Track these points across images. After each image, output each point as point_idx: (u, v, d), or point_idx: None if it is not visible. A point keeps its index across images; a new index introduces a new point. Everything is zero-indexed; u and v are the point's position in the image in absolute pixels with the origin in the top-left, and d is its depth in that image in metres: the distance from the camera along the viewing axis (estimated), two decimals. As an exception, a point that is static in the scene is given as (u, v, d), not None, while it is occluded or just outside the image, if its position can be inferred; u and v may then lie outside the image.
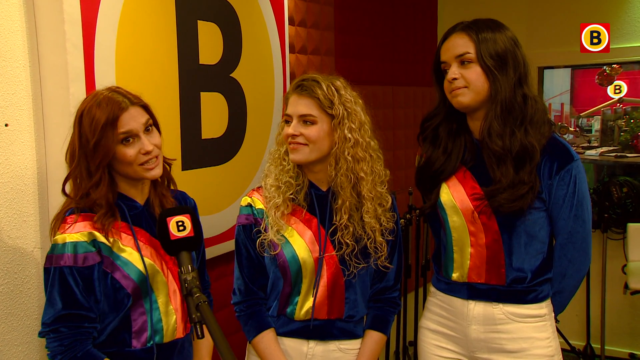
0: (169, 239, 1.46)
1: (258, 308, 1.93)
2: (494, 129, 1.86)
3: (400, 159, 3.87)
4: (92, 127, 1.60)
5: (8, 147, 1.80)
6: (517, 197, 1.84)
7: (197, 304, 1.34)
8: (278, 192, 1.88)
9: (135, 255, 1.67)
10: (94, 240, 1.62)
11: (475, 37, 1.87)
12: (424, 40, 4.31)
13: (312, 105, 1.84)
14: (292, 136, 1.84)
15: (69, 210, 1.64)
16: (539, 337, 1.92)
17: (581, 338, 4.24)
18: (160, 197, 1.77)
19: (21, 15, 1.82)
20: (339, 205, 1.87)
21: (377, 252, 1.90)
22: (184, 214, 1.48)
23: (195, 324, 1.33)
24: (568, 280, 1.96)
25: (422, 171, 2.05)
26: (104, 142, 1.60)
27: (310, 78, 1.87)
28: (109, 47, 1.97)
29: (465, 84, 1.87)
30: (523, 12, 4.39)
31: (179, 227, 1.46)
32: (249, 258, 1.92)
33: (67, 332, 1.59)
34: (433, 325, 2.06)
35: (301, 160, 1.86)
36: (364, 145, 1.87)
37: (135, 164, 1.65)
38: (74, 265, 1.59)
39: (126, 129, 1.62)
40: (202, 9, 2.38)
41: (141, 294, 1.67)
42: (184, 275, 1.40)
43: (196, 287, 1.38)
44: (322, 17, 3.26)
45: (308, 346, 1.91)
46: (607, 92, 4.23)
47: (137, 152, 1.64)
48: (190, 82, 2.32)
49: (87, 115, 1.61)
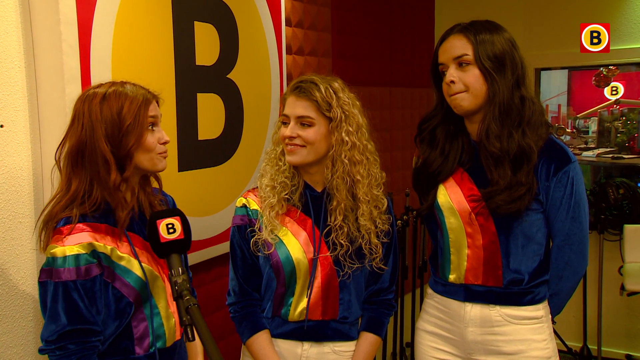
0: (159, 241, 1.44)
1: (252, 309, 1.93)
2: (492, 130, 1.86)
3: (398, 160, 3.87)
4: (125, 109, 1.56)
5: (3, 148, 1.79)
6: (514, 198, 1.83)
7: (187, 307, 1.33)
8: (273, 192, 1.88)
9: (134, 262, 1.63)
10: (93, 251, 1.57)
11: (473, 38, 1.86)
12: (421, 41, 4.31)
13: (309, 108, 1.83)
14: (289, 138, 1.84)
15: (62, 220, 1.57)
16: (536, 339, 1.92)
17: (578, 339, 4.25)
18: (148, 197, 1.74)
19: (17, 15, 1.81)
20: (334, 207, 1.87)
21: (372, 253, 1.90)
22: (174, 216, 1.47)
23: (186, 327, 1.32)
24: (565, 282, 1.96)
25: (419, 172, 2.05)
26: (139, 122, 1.57)
27: (309, 80, 1.86)
28: (105, 48, 1.97)
29: (464, 87, 1.86)
30: (520, 13, 4.40)
31: (169, 229, 1.45)
32: (243, 259, 1.91)
33: (74, 349, 1.54)
34: (430, 327, 2.06)
35: (298, 162, 1.86)
36: (361, 148, 1.86)
37: (154, 152, 1.63)
38: (78, 279, 1.53)
39: (154, 114, 1.62)
40: (198, 9, 2.37)
41: (142, 300, 1.65)
42: (175, 277, 1.40)
43: (186, 289, 1.37)
44: (319, 18, 3.26)
45: (302, 348, 1.91)
46: (604, 93, 4.24)
47: (156, 140, 1.64)
48: (186, 83, 2.32)
49: (114, 100, 1.57)
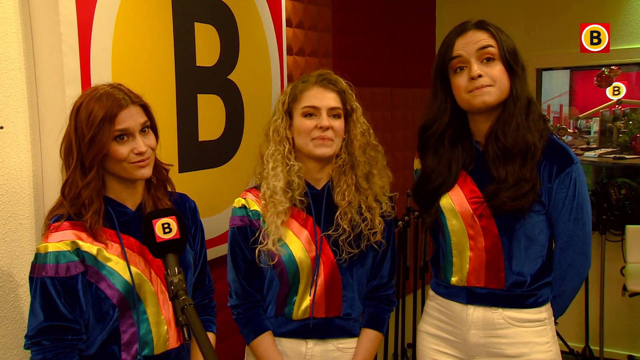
0: (154, 241, 1.45)
1: (255, 311, 1.92)
2: (515, 125, 1.83)
3: (399, 160, 3.87)
4: (89, 121, 1.57)
5: (3, 150, 1.79)
6: (519, 195, 1.82)
7: (183, 307, 1.33)
8: (286, 197, 1.87)
9: (122, 264, 1.63)
10: (77, 249, 1.58)
11: (495, 33, 1.84)
12: (422, 42, 4.31)
13: (338, 99, 1.89)
14: (324, 128, 1.84)
15: (54, 217, 1.61)
16: (538, 342, 1.91)
17: (580, 340, 4.24)
18: (155, 200, 1.73)
19: (17, 17, 1.81)
20: (342, 189, 1.90)
21: (371, 229, 1.91)
22: (169, 215, 1.47)
23: (182, 327, 1.33)
24: (568, 283, 1.95)
25: (422, 187, 2.00)
26: (99, 137, 1.56)
27: (330, 73, 1.93)
28: (105, 49, 1.96)
29: (491, 82, 1.82)
30: (521, 13, 4.39)
31: (164, 229, 1.45)
32: (244, 260, 1.91)
33: (49, 345, 1.56)
34: (432, 330, 2.05)
35: (329, 154, 1.88)
36: (370, 134, 1.96)
37: (126, 162, 1.62)
38: (56, 276, 1.55)
39: (122, 127, 1.59)
40: (198, 10, 2.37)
41: (128, 304, 1.63)
42: (171, 277, 1.39)
43: (182, 289, 1.37)
44: (319, 19, 3.25)
45: (307, 346, 1.91)
46: (606, 93, 4.23)
47: (129, 150, 1.61)
48: (187, 84, 2.31)
49: (85, 108, 1.58)
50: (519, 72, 1.86)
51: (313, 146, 1.86)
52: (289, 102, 1.91)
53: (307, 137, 1.86)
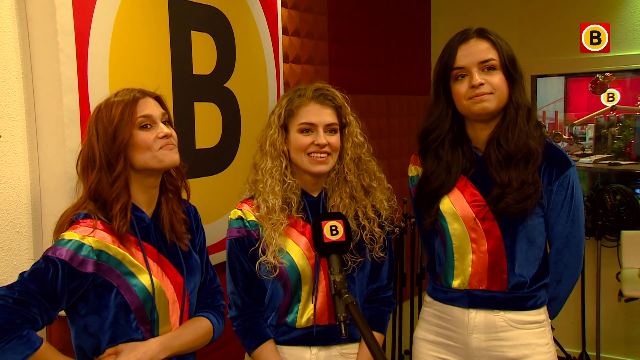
0: (322, 241, 1.55)
1: (255, 320, 1.92)
2: (516, 130, 1.87)
3: (395, 167, 3.88)
4: (111, 114, 1.61)
5: (1, 158, 1.79)
6: (524, 197, 1.85)
7: (347, 304, 1.41)
8: (284, 214, 1.87)
9: (144, 273, 1.64)
10: (100, 250, 1.57)
11: (496, 42, 1.88)
12: (417, 49, 4.32)
13: (334, 114, 1.89)
14: (321, 146, 1.85)
15: (82, 214, 1.60)
16: (539, 343, 1.93)
17: (577, 345, 4.24)
18: (171, 214, 1.75)
19: (14, 26, 1.82)
20: (337, 204, 1.91)
21: (373, 242, 1.92)
22: (337, 219, 1.59)
23: (340, 323, 1.42)
24: (563, 285, 1.98)
25: (423, 187, 2.03)
26: (122, 126, 1.60)
27: (326, 87, 1.92)
28: (102, 58, 1.97)
29: (491, 89, 1.86)
30: (516, 20, 4.41)
31: (332, 231, 1.56)
32: (243, 271, 1.91)
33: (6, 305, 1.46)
34: (430, 336, 2.05)
35: (325, 171, 1.89)
36: (365, 145, 1.96)
37: (153, 149, 1.64)
38: (67, 262, 1.52)
39: (145, 113, 1.64)
40: (195, 19, 2.38)
41: (145, 312, 1.64)
42: (333, 276, 1.49)
43: (345, 288, 1.45)
44: (315, 27, 3.27)
45: (311, 353, 1.90)
46: (601, 100, 4.25)
47: (154, 136, 1.64)
48: (183, 92, 2.32)
49: (105, 107, 1.64)
50: (518, 80, 1.90)
51: (309, 163, 1.86)
52: (285, 117, 1.90)
53: (302, 153, 1.87)
